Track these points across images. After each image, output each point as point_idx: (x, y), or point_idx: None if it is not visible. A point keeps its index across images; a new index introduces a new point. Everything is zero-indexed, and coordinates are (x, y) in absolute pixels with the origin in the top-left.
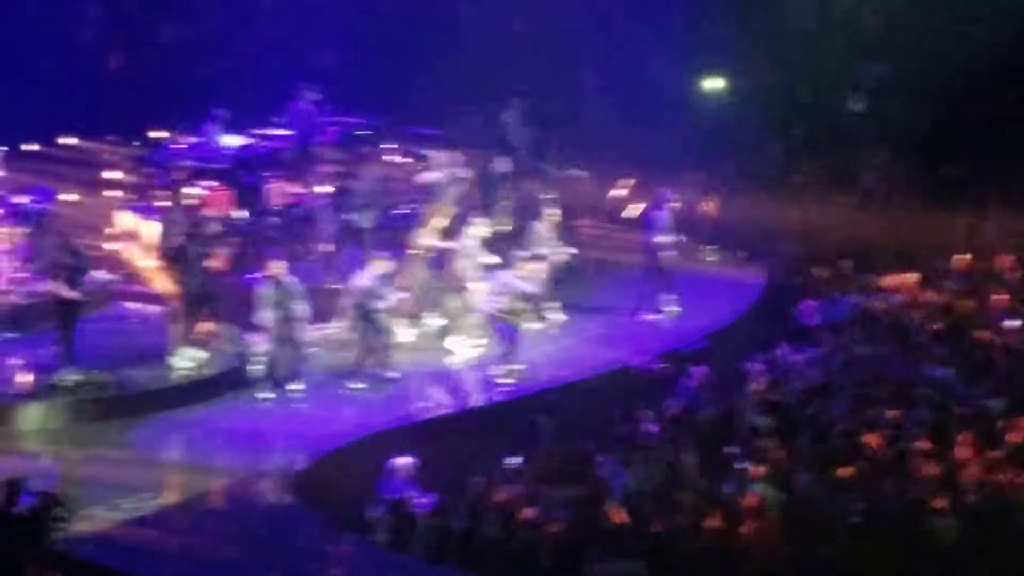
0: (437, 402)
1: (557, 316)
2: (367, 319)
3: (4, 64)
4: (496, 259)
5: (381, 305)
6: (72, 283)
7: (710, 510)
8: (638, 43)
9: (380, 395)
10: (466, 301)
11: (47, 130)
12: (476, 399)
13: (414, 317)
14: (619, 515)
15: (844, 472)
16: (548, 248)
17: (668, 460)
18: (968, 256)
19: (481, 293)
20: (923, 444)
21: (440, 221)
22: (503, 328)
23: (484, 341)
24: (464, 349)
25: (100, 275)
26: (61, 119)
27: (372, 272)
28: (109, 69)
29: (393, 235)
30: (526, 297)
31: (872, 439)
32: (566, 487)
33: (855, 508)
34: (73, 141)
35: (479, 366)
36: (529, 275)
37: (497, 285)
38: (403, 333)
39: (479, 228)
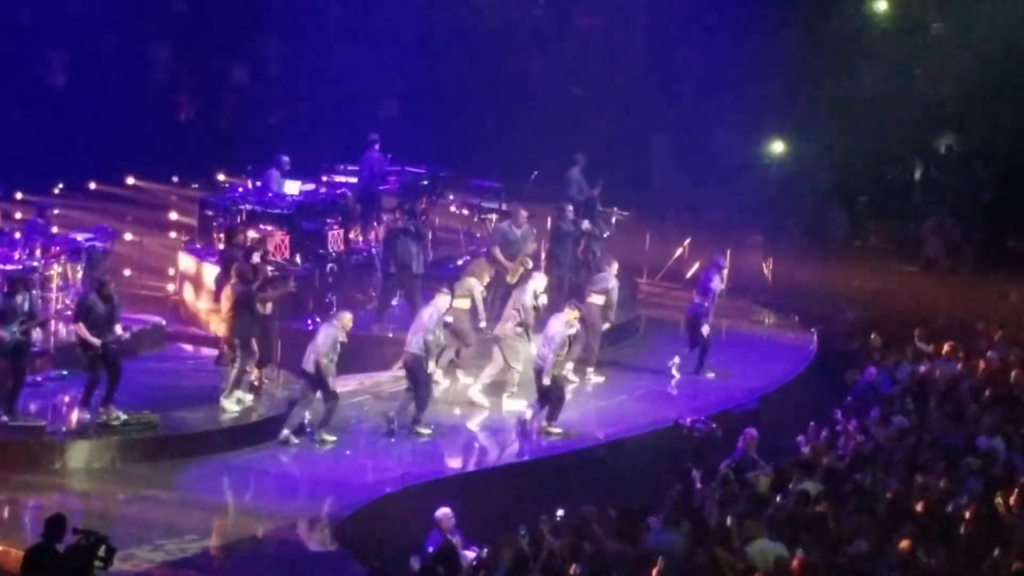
0: (485, 454)
1: (598, 377)
2: (422, 370)
3: (76, 103)
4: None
5: (438, 355)
6: (98, 329)
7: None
8: (706, 105)
9: (430, 445)
10: (517, 353)
11: (115, 170)
12: (523, 452)
13: (469, 368)
14: None
15: (903, 546)
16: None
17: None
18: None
19: (532, 347)
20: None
21: (516, 274)
22: (551, 382)
23: (535, 394)
24: (515, 402)
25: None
26: (130, 159)
27: (432, 319)
28: (179, 112)
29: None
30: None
31: (921, 507)
32: (613, 544)
33: None
34: (139, 182)
35: (530, 419)
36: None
37: (547, 340)
38: (457, 383)
39: (539, 282)
